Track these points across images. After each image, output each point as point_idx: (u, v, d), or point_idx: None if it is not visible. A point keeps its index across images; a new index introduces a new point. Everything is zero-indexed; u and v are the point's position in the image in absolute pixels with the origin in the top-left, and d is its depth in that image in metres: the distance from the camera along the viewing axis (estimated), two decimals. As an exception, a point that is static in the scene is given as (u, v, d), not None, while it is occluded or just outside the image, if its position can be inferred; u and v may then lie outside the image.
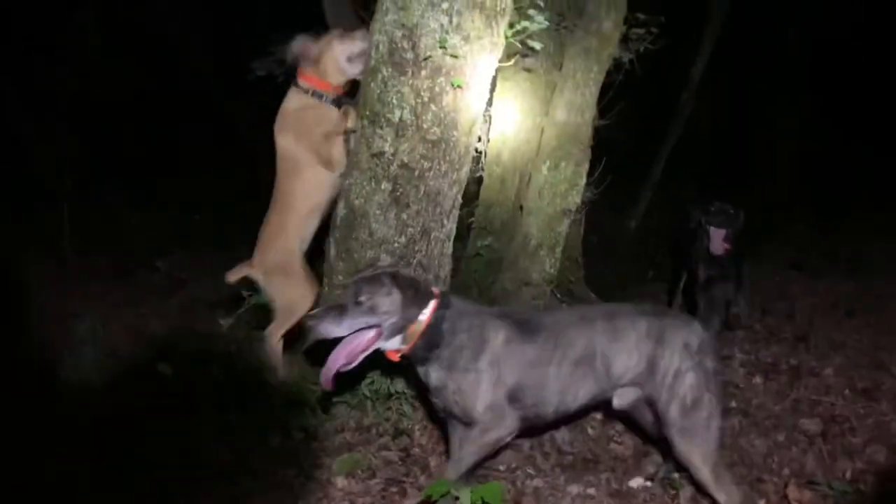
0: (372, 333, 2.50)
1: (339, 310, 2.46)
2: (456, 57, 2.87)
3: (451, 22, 2.84)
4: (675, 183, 8.30)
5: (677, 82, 8.20)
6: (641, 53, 4.37)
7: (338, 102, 3.43)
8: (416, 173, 3.03)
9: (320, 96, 3.44)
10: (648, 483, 2.89)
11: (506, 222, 4.52)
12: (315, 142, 3.39)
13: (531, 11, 3.18)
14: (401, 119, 2.96)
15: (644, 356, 2.61)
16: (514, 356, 2.58)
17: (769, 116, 10.17)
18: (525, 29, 3.12)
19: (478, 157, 4.33)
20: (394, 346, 2.56)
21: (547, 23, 3.28)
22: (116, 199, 8.00)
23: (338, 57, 3.42)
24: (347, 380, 3.22)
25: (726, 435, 2.75)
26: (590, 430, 3.26)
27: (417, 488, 2.82)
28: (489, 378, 2.54)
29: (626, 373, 2.64)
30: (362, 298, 2.45)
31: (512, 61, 3.54)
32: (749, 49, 10.04)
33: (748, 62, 10.22)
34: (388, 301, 2.46)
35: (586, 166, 4.18)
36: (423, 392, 2.92)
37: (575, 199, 4.15)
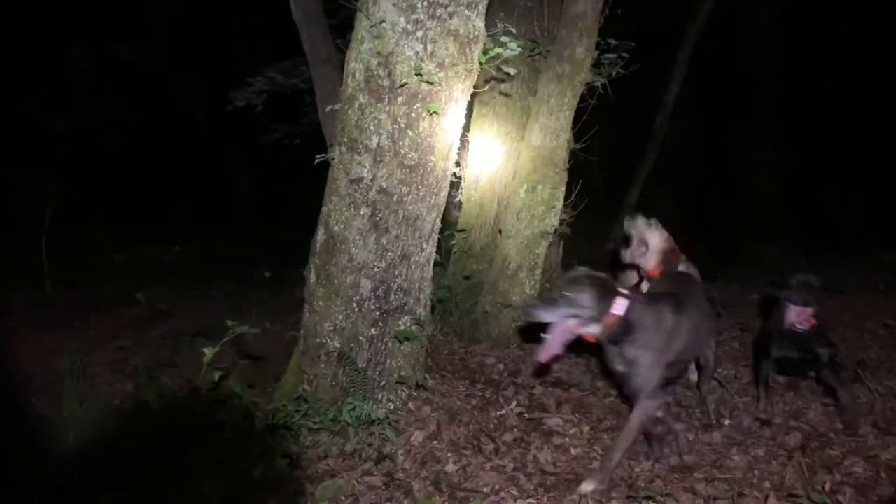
0: (575, 321, 2.88)
1: (552, 302, 2.91)
2: (431, 83, 2.92)
3: (425, 49, 2.90)
4: (652, 204, 8.39)
5: (653, 106, 8.35)
6: (614, 78, 4.46)
7: None
8: (395, 198, 3.07)
9: None
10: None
11: (485, 246, 4.56)
12: None
13: (504, 38, 3.23)
14: (378, 145, 3.01)
15: None
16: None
17: (744, 141, 10.36)
18: (499, 55, 3.18)
19: (457, 182, 4.37)
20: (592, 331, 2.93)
21: (520, 49, 3.34)
22: (96, 233, 8.00)
23: None
24: (329, 407, 3.24)
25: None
26: (572, 451, 3.26)
27: (401, 513, 2.81)
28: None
29: None
30: (567, 294, 2.86)
31: (487, 87, 3.61)
32: (723, 74, 10.25)
33: (722, 86, 10.42)
34: (586, 297, 2.85)
35: (563, 189, 4.24)
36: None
37: (552, 221, 4.20)
